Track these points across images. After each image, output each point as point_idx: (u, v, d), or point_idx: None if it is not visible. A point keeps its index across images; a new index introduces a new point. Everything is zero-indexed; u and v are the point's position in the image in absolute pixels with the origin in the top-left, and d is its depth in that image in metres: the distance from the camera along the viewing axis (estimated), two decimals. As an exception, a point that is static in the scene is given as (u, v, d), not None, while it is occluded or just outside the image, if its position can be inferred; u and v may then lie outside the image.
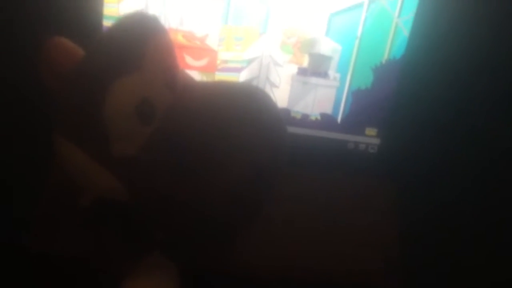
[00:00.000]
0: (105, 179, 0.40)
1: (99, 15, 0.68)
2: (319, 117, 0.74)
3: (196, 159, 0.40)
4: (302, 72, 0.75)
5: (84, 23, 0.64)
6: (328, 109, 0.78)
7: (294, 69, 0.75)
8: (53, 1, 0.68)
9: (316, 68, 0.74)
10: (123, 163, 0.39)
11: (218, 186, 0.41)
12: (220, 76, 0.73)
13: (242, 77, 0.72)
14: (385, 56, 0.74)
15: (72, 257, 0.57)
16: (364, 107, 0.79)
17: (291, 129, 0.71)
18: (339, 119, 0.75)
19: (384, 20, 0.72)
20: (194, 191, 0.41)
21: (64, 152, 0.41)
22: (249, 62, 0.74)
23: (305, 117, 0.74)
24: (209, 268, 0.55)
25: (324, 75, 0.75)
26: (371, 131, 0.75)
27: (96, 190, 0.44)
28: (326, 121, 0.75)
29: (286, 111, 0.74)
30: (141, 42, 0.36)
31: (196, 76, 0.71)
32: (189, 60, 0.69)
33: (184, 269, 0.51)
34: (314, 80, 0.74)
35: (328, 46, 0.74)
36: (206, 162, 0.40)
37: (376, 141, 0.76)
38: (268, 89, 0.73)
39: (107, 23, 0.69)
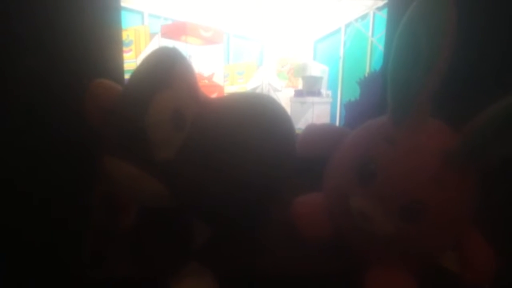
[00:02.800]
0: (151, 184, 0.44)
1: (121, 71, 0.75)
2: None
3: (221, 158, 0.44)
4: (298, 93, 0.81)
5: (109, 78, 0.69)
6: (325, 122, 0.82)
7: (291, 92, 0.81)
8: (82, 60, 0.73)
9: (310, 88, 0.80)
10: (165, 167, 0.43)
11: (242, 179, 0.45)
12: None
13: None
14: (367, 70, 0.79)
15: (122, 275, 0.58)
16: (356, 117, 0.84)
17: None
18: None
19: (361, 40, 0.79)
20: (223, 184, 0.45)
21: (114, 169, 0.45)
22: (252, 91, 0.79)
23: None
24: (242, 273, 0.56)
25: (318, 93, 0.80)
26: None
27: (144, 197, 0.48)
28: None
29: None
30: (170, 66, 0.43)
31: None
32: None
33: (220, 275, 0.53)
34: (310, 99, 0.80)
35: (317, 68, 0.80)
36: (230, 160, 0.44)
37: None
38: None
39: (128, 76, 0.74)
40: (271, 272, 0.58)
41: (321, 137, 0.63)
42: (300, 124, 0.81)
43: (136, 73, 0.45)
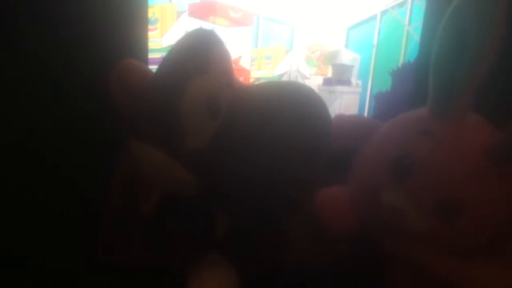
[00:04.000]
0: (179, 173, 0.43)
1: (145, 50, 0.74)
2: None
3: (257, 147, 0.43)
4: (327, 82, 0.79)
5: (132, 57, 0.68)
6: (354, 113, 0.80)
7: (320, 80, 0.79)
8: (106, 39, 0.72)
9: (339, 77, 0.78)
10: (196, 156, 0.42)
11: (277, 171, 0.44)
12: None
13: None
14: (401, 60, 0.77)
15: (139, 264, 0.58)
16: (386, 109, 0.82)
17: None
18: (365, 121, 0.77)
19: (397, 29, 0.76)
20: (257, 175, 0.43)
21: (141, 155, 0.45)
22: (279, 77, 0.78)
23: (334, 122, 0.77)
24: (263, 266, 0.56)
25: (348, 82, 0.78)
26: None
27: (170, 186, 0.47)
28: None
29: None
30: (207, 50, 0.41)
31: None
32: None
33: (241, 267, 0.53)
34: (339, 88, 0.78)
35: (349, 56, 0.78)
36: (265, 149, 0.43)
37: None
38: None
39: (152, 55, 0.74)
40: (293, 266, 0.58)
41: (351, 128, 0.61)
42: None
43: (170, 55, 0.43)
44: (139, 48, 0.74)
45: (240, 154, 0.42)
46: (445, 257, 0.47)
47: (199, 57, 0.42)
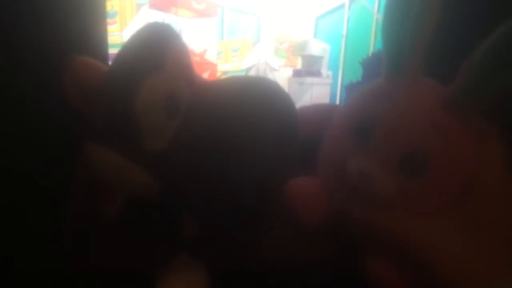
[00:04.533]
0: (139, 176, 0.38)
1: (104, 45, 0.69)
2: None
3: (219, 148, 0.40)
4: (297, 73, 0.78)
5: (91, 53, 0.65)
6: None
7: (289, 72, 0.77)
8: (60, 33, 0.68)
9: (309, 68, 0.76)
10: (155, 158, 0.39)
11: (242, 171, 0.41)
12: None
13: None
14: (371, 49, 0.76)
15: (104, 268, 0.51)
16: (358, 99, 0.79)
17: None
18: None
19: (366, 17, 0.75)
20: (220, 177, 0.41)
21: (97, 158, 0.40)
22: (247, 70, 0.76)
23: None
24: (235, 266, 0.50)
25: (318, 74, 0.77)
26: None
27: (130, 190, 0.43)
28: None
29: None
30: (162, 45, 0.38)
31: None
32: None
33: (210, 268, 0.47)
34: (309, 80, 0.76)
35: (318, 47, 0.76)
36: (229, 149, 0.40)
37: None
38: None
39: (112, 51, 0.70)
40: (267, 264, 0.50)
41: (317, 117, 0.59)
42: (298, 106, 0.77)
43: (124, 52, 0.39)
44: (98, 43, 0.69)
45: (203, 155, 0.38)
46: (412, 220, 0.43)
47: (154, 53, 0.38)
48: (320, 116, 0.60)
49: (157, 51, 0.38)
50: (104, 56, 0.67)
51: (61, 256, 0.52)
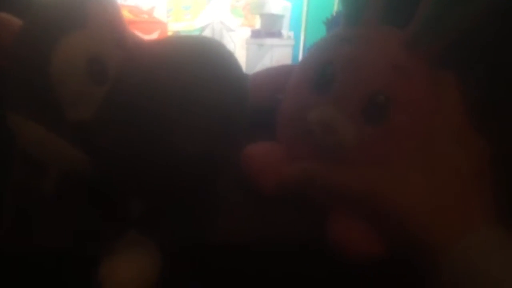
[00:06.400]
0: (65, 149, 0.38)
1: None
2: (278, 77, 0.73)
3: (153, 117, 0.37)
4: (255, 34, 0.74)
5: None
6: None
7: (247, 32, 0.73)
8: None
9: (269, 28, 0.73)
10: (81, 129, 0.37)
11: (182, 143, 0.39)
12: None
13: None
14: (335, 8, 0.73)
15: (46, 247, 0.52)
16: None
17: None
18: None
19: (329, -28, 0.71)
20: (157, 151, 0.38)
21: (20, 129, 0.38)
22: (201, 30, 0.71)
23: (264, 79, 0.73)
24: (187, 241, 0.51)
25: (278, 34, 0.73)
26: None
27: (60, 165, 0.41)
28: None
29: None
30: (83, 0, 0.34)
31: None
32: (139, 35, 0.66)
33: (161, 244, 0.48)
34: (268, 41, 0.73)
35: (278, 5, 0.72)
36: (166, 121, 0.38)
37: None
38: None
39: None
40: (225, 239, 0.53)
41: (272, 81, 0.58)
42: (257, 70, 0.73)
43: (39, 6, 0.36)
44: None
45: (135, 127, 0.36)
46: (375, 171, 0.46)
47: (74, 9, 0.35)
48: (277, 79, 0.58)
49: (78, 6, 0.35)
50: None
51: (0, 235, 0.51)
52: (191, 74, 0.38)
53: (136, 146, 0.37)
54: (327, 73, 0.46)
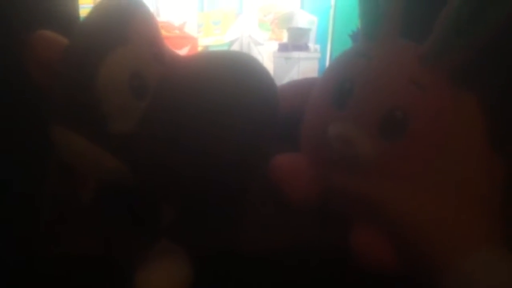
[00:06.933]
0: (106, 161, 0.39)
1: (75, 6, 0.66)
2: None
3: (191, 130, 0.39)
4: (283, 48, 0.75)
5: (62, 16, 0.62)
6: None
7: (274, 45, 0.75)
8: (28, 8, 0.66)
9: (296, 41, 0.74)
10: (122, 141, 0.38)
11: (217, 155, 0.40)
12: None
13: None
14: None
15: (82, 255, 0.54)
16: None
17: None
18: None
19: (355, -14, 0.72)
20: (194, 162, 0.40)
21: (63, 141, 0.40)
22: (230, 44, 0.73)
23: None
24: (217, 249, 0.52)
25: (305, 47, 0.75)
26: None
27: (100, 175, 0.43)
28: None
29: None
30: (125, 17, 0.37)
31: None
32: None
33: (193, 252, 0.49)
34: (295, 54, 0.74)
35: (305, 19, 0.74)
36: (202, 133, 0.39)
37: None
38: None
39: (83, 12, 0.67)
40: (252, 247, 0.54)
41: (299, 92, 0.59)
42: (284, 82, 0.75)
43: (85, 24, 0.38)
44: (68, 16, 0.67)
45: (173, 139, 0.37)
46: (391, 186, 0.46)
47: (117, 26, 0.37)
48: (302, 92, 0.60)
49: (121, 23, 0.37)
50: (75, 19, 0.66)
51: (36, 242, 0.54)
52: (226, 88, 0.39)
53: (173, 156, 0.38)
54: (345, 88, 0.47)
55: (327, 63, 0.67)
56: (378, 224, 0.46)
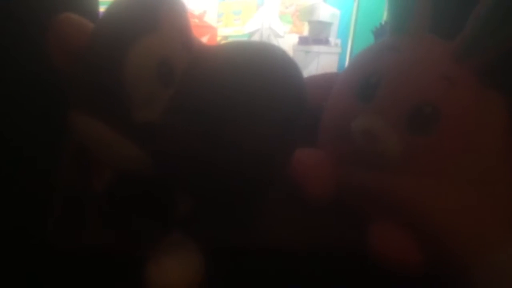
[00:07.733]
0: (129, 150, 0.38)
1: (95, 2, 0.66)
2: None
3: (218, 120, 0.38)
4: (303, 41, 0.75)
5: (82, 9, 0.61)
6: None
7: (295, 38, 0.74)
8: None
9: (316, 35, 0.73)
10: (146, 130, 0.38)
11: (243, 146, 0.39)
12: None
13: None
14: (384, 17, 0.73)
15: (94, 247, 0.53)
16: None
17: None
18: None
19: (380, -20, 0.71)
20: (220, 153, 0.39)
21: (84, 128, 0.40)
22: (250, 35, 0.73)
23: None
24: (229, 243, 0.52)
25: (326, 42, 0.74)
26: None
27: (120, 165, 0.42)
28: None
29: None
30: (155, 4, 0.36)
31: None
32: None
33: (204, 246, 0.49)
34: (316, 48, 0.73)
35: (327, 12, 0.73)
36: (229, 123, 0.39)
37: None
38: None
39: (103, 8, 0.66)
40: (266, 243, 0.54)
41: (321, 87, 0.58)
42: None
43: (112, 9, 0.38)
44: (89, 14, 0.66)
45: (198, 129, 0.37)
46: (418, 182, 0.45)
47: (147, 12, 0.36)
48: (325, 85, 0.59)
49: (150, 10, 0.36)
50: (94, 14, 0.63)
51: (49, 233, 0.53)
52: (255, 78, 0.39)
53: (198, 146, 0.38)
54: (371, 81, 0.46)
55: (348, 58, 0.66)
56: (401, 222, 0.46)
